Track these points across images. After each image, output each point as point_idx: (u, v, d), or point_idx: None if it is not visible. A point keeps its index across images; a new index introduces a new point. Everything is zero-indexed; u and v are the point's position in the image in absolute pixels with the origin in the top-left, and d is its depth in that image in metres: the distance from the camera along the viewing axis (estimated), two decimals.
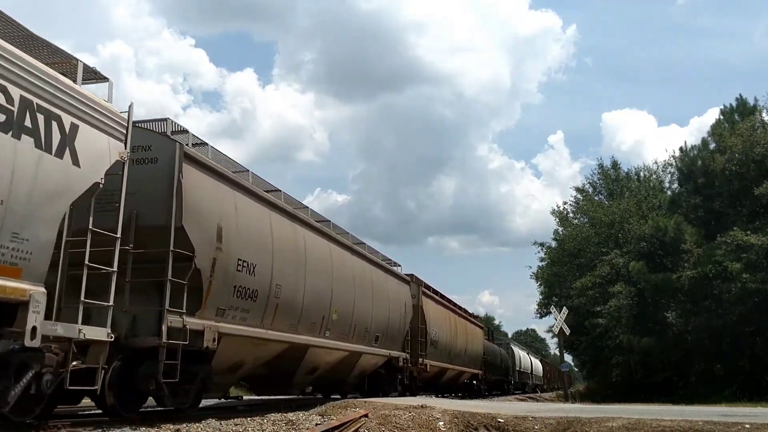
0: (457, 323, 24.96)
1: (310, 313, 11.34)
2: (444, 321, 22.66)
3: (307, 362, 11.87)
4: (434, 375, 21.49)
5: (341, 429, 7.72)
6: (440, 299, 23.01)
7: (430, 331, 19.81)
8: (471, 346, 27.02)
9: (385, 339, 15.92)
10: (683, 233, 28.31)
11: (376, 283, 15.44)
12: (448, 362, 22.86)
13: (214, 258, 8.29)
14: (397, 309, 16.94)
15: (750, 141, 27.18)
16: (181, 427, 6.94)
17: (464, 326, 26.25)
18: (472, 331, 27.95)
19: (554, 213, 44.25)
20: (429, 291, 21.23)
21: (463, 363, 25.57)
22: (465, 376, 26.80)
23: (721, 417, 8.73)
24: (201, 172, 8.48)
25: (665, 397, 25.47)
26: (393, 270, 17.60)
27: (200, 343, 8.07)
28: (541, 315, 46.22)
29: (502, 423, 9.16)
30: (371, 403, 10.95)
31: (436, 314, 21.26)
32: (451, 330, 23.46)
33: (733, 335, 26.55)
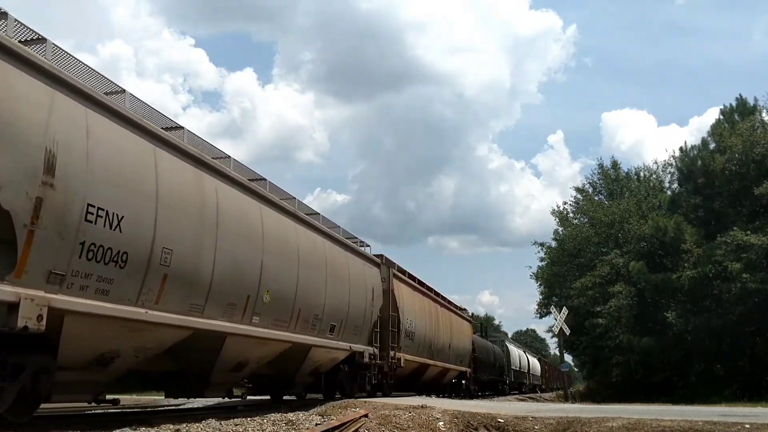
0: (440, 314, 22.40)
1: (225, 291, 8.61)
2: (422, 310, 19.95)
3: (227, 356, 9.24)
4: (412, 372, 19.19)
5: (341, 429, 7.72)
6: (418, 285, 20.26)
7: (404, 321, 17.31)
8: (457, 341, 24.51)
9: (346, 329, 13.26)
10: (683, 233, 28.32)
11: (333, 262, 12.57)
12: (428, 357, 20.24)
13: (38, 197, 5.76)
14: (361, 294, 14.12)
15: (750, 141, 27.18)
16: (180, 427, 6.94)
17: (448, 318, 23.71)
18: (458, 325, 25.39)
19: (554, 213, 44.32)
20: (403, 275, 18.56)
21: (447, 359, 22.96)
22: (451, 374, 24.46)
23: (721, 417, 8.73)
24: (19, 71, 5.77)
25: (665, 397, 25.49)
26: (356, 248, 14.73)
27: (14, 321, 5.61)
28: (541, 315, 46.35)
29: (502, 423, 9.16)
30: (371, 403, 10.96)
31: (411, 301, 18.63)
32: (431, 321, 20.80)
33: (733, 335, 26.56)
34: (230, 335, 8.89)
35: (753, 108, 30.83)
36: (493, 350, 33.42)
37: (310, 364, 12.27)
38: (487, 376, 30.95)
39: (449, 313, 24.23)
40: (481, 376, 29.09)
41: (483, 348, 30.52)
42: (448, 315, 23.89)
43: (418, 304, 19.47)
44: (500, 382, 35.47)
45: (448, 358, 22.93)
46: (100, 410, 10.88)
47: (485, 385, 32.17)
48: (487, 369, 31.01)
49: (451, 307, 25.30)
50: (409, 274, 19.54)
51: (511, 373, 38.47)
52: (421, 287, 20.75)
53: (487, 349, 31.60)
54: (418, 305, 19.56)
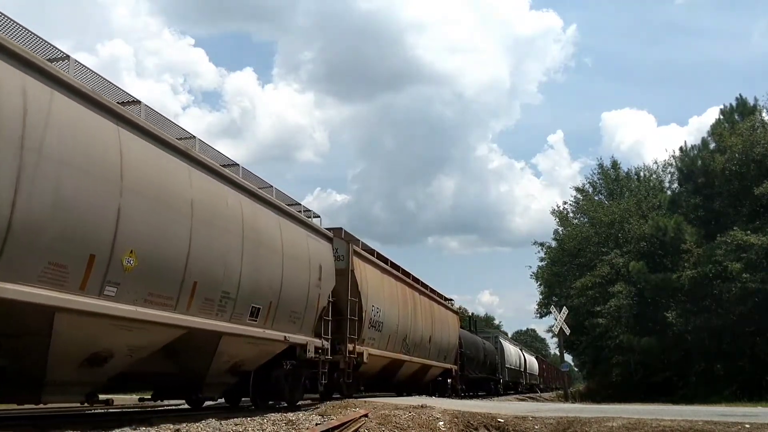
0: (418, 303, 19.56)
1: (43, 243, 5.91)
2: (394, 297, 17.08)
3: (66, 344, 6.55)
4: (382, 369, 16.58)
5: (341, 429, 7.73)
6: (389, 269, 17.37)
7: (368, 308, 14.57)
8: (440, 335, 21.80)
9: (278, 315, 10.36)
10: (683, 233, 28.33)
11: (256, 226, 9.72)
12: (403, 352, 17.57)
13: None
14: (301, 271, 11.20)
15: (750, 141, 27.19)
16: (180, 427, 6.94)
17: (429, 308, 20.81)
18: (441, 316, 22.53)
19: (554, 213, 44.33)
20: (368, 254, 15.82)
21: (428, 355, 20.14)
22: (433, 371, 21.68)
23: (721, 417, 8.73)
24: None
25: (665, 397, 25.47)
26: (296, 214, 11.65)
27: None
28: (541, 315, 46.35)
29: (502, 423, 9.16)
30: (371, 403, 10.96)
31: (379, 286, 15.94)
32: (406, 310, 17.95)
33: (733, 335, 26.56)
34: (59, 311, 6.21)
35: (753, 108, 30.83)
36: (484, 346, 30.86)
37: (225, 360, 9.46)
38: (476, 375, 28.46)
39: (430, 302, 21.37)
40: (469, 374, 26.67)
41: (472, 343, 28.00)
42: (429, 305, 21.05)
43: (388, 290, 16.63)
44: (493, 381, 33.28)
45: (428, 353, 20.21)
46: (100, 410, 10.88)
47: (475, 385, 30.05)
48: (476, 367, 28.47)
49: (434, 295, 22.34)
50: (378, 254, 16.81)
51: (505, 372, 36.12)
52: (395, 271, 17.86)
53: (476, 345, 29.07)
54: (389, 291, 16.71)
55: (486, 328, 54.52)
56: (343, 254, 13.87)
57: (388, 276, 17.10)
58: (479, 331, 35.87)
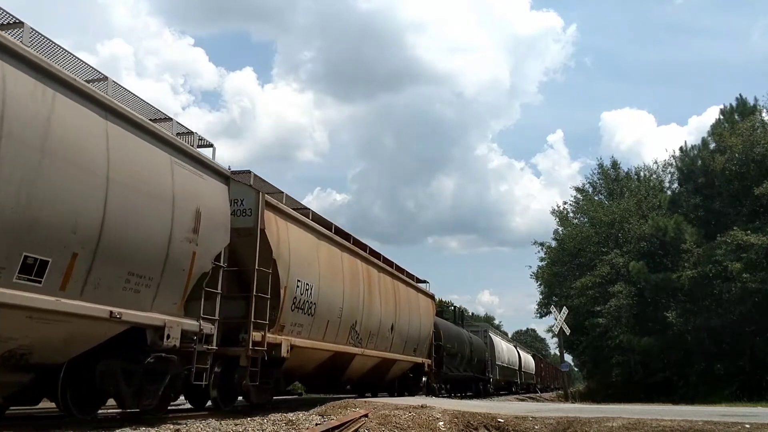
0: (375, 281, 15.50)
1: None
2: (337, 272, 13.06)
3: None
4: (321, 365, 12.94)
5: (341, 429, 7.73)
6: (330, 234, 13.17)
7: (290, 283, 10.77)
8: (409, 323, 17.82)
9: (100, 275, 6.68)
10: (683, 233, 28.36)
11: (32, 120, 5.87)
12: (351, 343, 13.69)
13: None
14: (156, 212, 7.57)
15: (750, 141, 27.23)
16: (181, 427, 6.95)
17: (391, 288, 16.69)
18: (410, 300, 18.34)
19: (554, 213, 44.39)
20: (294, 212, 11.72)
21: (389, 347, 16.32)
22: (399, 367, 17.69)
23: (721, 417, 8.73)
24: None
25: (665, 397, 25.50)
26: (149, 125, 7.72)
27: None
28: (541, 315, 46.44)
29: (502, 423, 9.16)
30: (371, 403, 10.95)
31: (310, 255, 11.88)
32: (357, 290, 14.08)
33: (733, 335, 26.60)
34: None
35: (753, 108, 30.88)
36: (470, 340, 26.99)
37: (17, 350, 6.29)
38: (459, 372, 24.72)
39: (394, 282, 17.17)
40: (450, 371, 23.10)
41: (454, 336, 24.22)
42: (392, 285, 16.96)
43: (327, 262, 12.64)
44: (481, 381, 29.50)
45: (390, 344, 16.39)
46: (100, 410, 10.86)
47: (460, 384, 26.93)
48: (460, 363, 24.86)
49: (400, 274, 18.05)
50: (314, 214, 13.00)
51: (496, 370, 32.31)
52: (340, 239, 13.76)
53: (460, 339, 25.16)
54: (329, 263, 12.72)
55: (474, 321, 49.63)
56: (251, 207, 10.23)
57: (329, 244, 12.99)
58: (467, 324, 32.51)
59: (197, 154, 8.70)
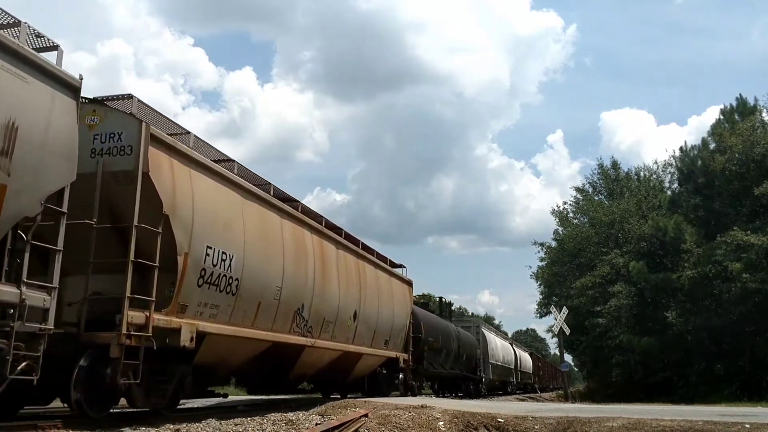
0: (331, 259, 12.82)
1: None
2: (274, 242, 10.34)
3: None
4: (257, 359, 10.31)
5: (341, 429, 7.73)
6: (261, 193, 10.30)
7: (194, 250, 8.27)
8: (378, 310, 15.22)
9: None
10: (683, 233, 28.39)
11: None
12: (296, 332, 11.04)
13: None
14: None
15: (750, 141, 27.26)
16: (180, 426, 6.95)
17: (354, 268, 14.07)
18: (380, 284, 15.69)
19: (554, 213, 44.48)
20: (199, 156, 8.88)
21: (351, 338, 13.71)
22: (367, 362, 15.11)
23: (721, 417, 8.73)
24: None
25: (665, 397, 25.52)
26: None
27: None
28: (541, 315, 46.54)
29: (502, 423, 9.17)
30: (371, 402, 10.95)
31: (229, 216, 9.25)
32: (303, 266, 11.31)
33: (733, 335, 26.62)
34: None
35: (753, 108, 30.92)
36: (458, 335, 24.49)
37: None
38: (444, 369, 22.44)
39: (358, 261, 14.38)
40: (433, 368, 20.80)
41: (437, 328, 21.68)
42: (355, 264, 14.20)
43: (257, 228, 9.91)
44: (472, 380, 27.06)
45: (353, 335, 13.80)
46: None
47: (449, 383, 25.18)
48: (446, 360, 22.50)
49: (367, 254, 15.38)
50: (240, 168, 10.19)
51: (489, 369, 30.07)
52: (278, 202, 10.90)
53: (446, 333, 22.69)
54: (260, 230, 9.98)
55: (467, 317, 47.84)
56: (132, 144, 7.63)
57: (262, 206, 10.21)
58: (457, 320, 30.89)
59: (13, 44, 5.85)
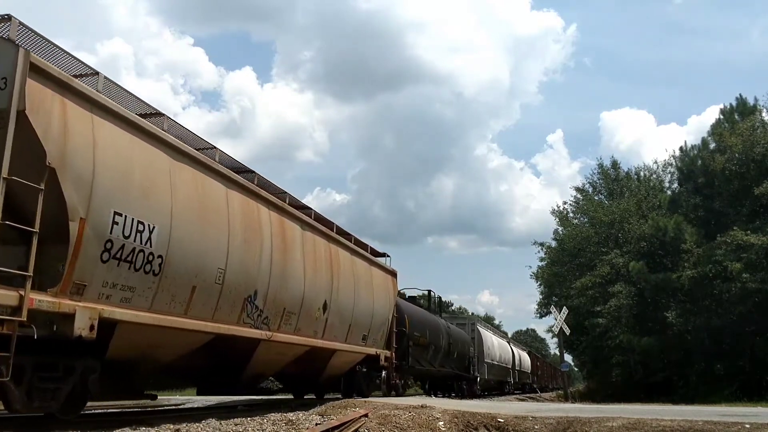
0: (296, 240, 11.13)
1: None
2: (209, 210, 8.60)
3: None
4: (195, 353, 8.69)
5: (341, 429, 7.72)
6: (186, 149, 8.35)
7: (97, 214, 6.55)
8: (355, 301, 13.66)
9: None
10: (683, 233, 28.39)
11: None
12: (245, 323, 9.45)
13: None
14: None
15: (750, 141, 27.26)
16: (180, 426, 6.94)
17: (325, 253, 12.45)
18: (356, 271, 14.11)
19: (554, 213, 44.48)
20: (107, 101, 6.92)
21: (321, 331, 12.00)
22: (342, 360, 13.53)
23: (721, 417, 8.73)
24: None
25: (665, 397, 25.51)
26: None
27: None
28: (541, 315, 46.61)
29: (502, 423, 9.17)
30: (371, 402, 10.96)
31: (144, 174, 7.35)
32: (255, 245, 9.64)
33: (733, 335, 26.62)
34: None
35: (753, 108, 30.92)
36: (449, 331, 22.94)
37: None
38: (433, 367, 21.07)
39: (329, 244, 12.78)
40: (419, 366, 19.37)
41: (425, 323, 20.14)
42: (327, 249, 12.62)
43: (191, 196, 8.24)
44: (465, 380, 25.71)
45: (323, 329, 12.09)
46: (100, 410, 10.88)
47: (440, 382, 23.80)
48: (434, 357, 21.03)
49: (343, 239, 13.86)
50: (157, 115, 8.21)
51: (484, 368, 28.48)
52: (222, 168, 9.16)
53: (434, 328, 21.12)
54: (196, 199, 8.32)
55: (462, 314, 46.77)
56: (6, 75, 5.80)
57: (200, 171, 8.46)
58: (452, 317, 29.72)
59: None
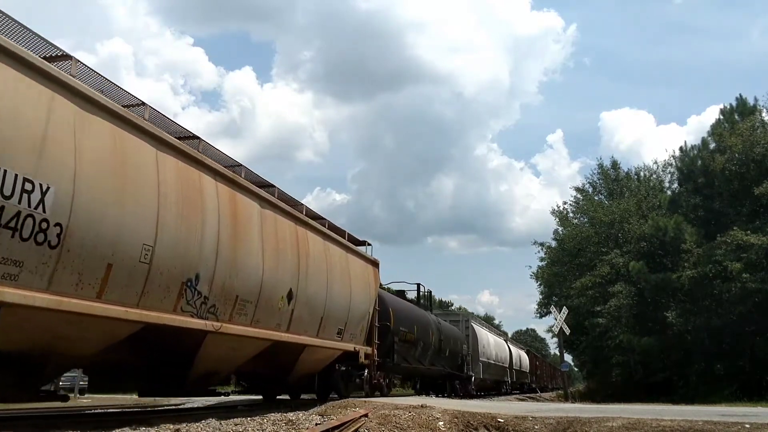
0: (253, 217, 9.75)
1: None
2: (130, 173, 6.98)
3: None
4: (121, 346, 7.36)
5: (341, 429, 7.72)
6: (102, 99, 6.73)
7: None
8: (328, 292, 12.12)
9: None
10: (683, 233, 28.37)
11: None
12: (190, 312, 7.98)
13: None
14: None
15: (750, 141, 27.25)
16: (180, 426, 6.94)
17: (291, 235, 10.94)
18: (329, 258, 12.49)
19: (554, 213, 44.49)
20: None
21: (286, 324, 10.56)
22: (315, 356, 12.07)
23: (721, 417, 8.73)
24: None
25: (665, 397, 25.50)
26: None
27: None
28: (541, 315, 46.65)
29: (502, 423, 9.16)
30: (371, 402, 10.95)
31: (43, 122, 5.94)
32: (194, 217, 8.06)
33: (733, 335, 26.61)
34: None
35: (753, 108, 30.90)
36: (439, 327, 21.48)
37: None
38: (422, 365, 19.72)
39: (298, 227, 11.24)
40: (405, 362, 17.92)
41: (412, 318, 18.82)
42: (294, 231, 11.07)
43: (102, 152, 6.65)
44: (458, 379, 24.21)
45: (288, 321, 10.57)
46: (100, 410, 10.89)
47: (432, 382, 22.76)
48: (422, 354, 19.65)
49: (314, 222, 12.20)
50: (63, 58, 6.66)
51: (479, 367, 27.04)
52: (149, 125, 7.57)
53: (423, 323, 19.72)
54: (109, 155, 6.76)
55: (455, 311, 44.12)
56: None
57: (116, 125, 6.98)
58: (445, 313, 28.78)
59: None
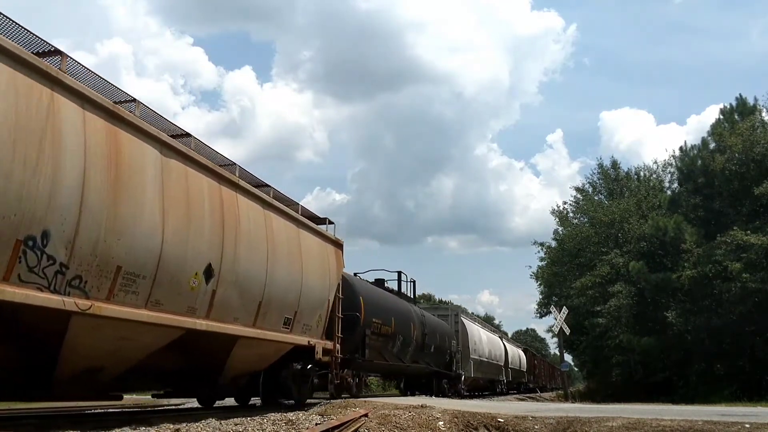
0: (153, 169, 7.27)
1: None
2: None
3: None
4: None
5: (341, 429, 7.72)
6: None
7: None
8: (270, 272, 9.83)
9: None
10: (683, 233, 28.36)
11: None
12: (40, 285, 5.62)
13: None
14: None
15: (750, 141, 27.24)
16: (180, 426, 6.94)
17: (214, 199, 8.61)
18: (276, 234, 10.27)
19: (554, 213, 44.49)
20: None
21: (199, 309, 8.11)
22: (255, 352, 9.94)
23: (721, 417, 8.74)
24: None
25: (665, 397, 25.49)
26: None
27: None
28: (541, 315, 46.67)
29: (502, 423, 9.16)
30: (371, 402, 10.95)
31: None
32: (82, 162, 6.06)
33: (733, 335, 26.60)
34: None
35: (753, 108, 30.88)
36: (422, 320, 19.31)
37: None
38: (401, 362, 17.71)
39: (220, 187, 8.91)
40: (379, 359, 15.92)
41: (386, 308, 16.59)
42: (215, 192, 8.76)
43: None
44: (446, 378, 22.11)
45: (206, 304, 8.29)
46: (100, 410, 10.90)
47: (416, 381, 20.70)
48: (401, 350, 17.50)
49: (245, 183, 9.75)
50: None
51: (470, 365, 25.05)
52: None
53: (404, 315, 17.74)
54: None
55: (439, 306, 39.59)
56: None
57: None
58: (433, 307, 26.76)
59: None
